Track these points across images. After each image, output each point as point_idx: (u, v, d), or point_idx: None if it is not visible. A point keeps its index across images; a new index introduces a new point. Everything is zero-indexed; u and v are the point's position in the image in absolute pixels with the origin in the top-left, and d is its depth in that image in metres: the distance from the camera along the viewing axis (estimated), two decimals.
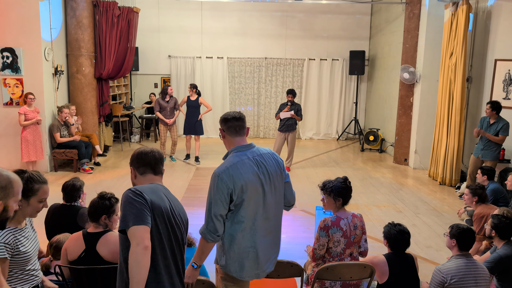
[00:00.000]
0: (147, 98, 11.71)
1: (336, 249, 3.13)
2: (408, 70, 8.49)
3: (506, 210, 3.88)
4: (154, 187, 2.26)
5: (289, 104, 8.02)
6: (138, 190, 2.12)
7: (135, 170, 2.33)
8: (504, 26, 7.14)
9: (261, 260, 2.62)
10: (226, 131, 2.65)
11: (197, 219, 5.60)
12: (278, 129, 8.20)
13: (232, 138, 2.64)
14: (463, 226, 3.13)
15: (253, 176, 2.53)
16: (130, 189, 2.14)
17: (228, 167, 2.50)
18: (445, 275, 2.95)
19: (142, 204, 2.07)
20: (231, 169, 2.50)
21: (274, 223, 2.69)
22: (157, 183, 2.32)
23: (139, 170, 2.33)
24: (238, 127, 2.63)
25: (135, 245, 1.98)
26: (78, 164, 7.96)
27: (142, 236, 2.00)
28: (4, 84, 7.58)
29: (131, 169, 2.34)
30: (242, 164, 2.53)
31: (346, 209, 3.30)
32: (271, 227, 2.67)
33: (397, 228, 3.14)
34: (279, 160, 2.78)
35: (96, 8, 8.65)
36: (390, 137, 10.17)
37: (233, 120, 2.63)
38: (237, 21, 11.68)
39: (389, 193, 7.08)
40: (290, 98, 8.03)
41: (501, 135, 6.27)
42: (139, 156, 2.32)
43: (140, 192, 2.12)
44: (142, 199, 2.09)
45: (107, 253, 2.85)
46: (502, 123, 6.28)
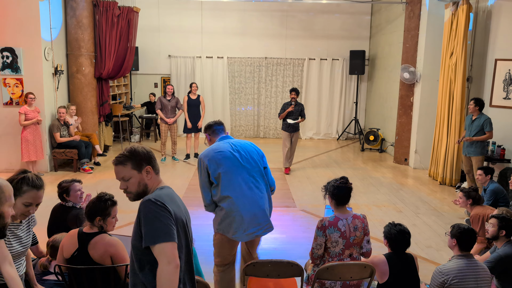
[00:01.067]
0: (147, 98, 11.71)
1: (335, 249, 3.13)
2: (408, 70, 8.49)
3: (505, 210, 3.87)
4: (170, 193, 2.12)
5: (293, 103, 7.92)
6: (160, 201, 1.97)
7: (153, 169, 2.15)
8: (504, 25, 7.14)
9: (246, 222, 3.19)
10: (211, 135, 3.46)
11: (197, 219, 5.59)
12: (283, 129, 8.08)
13: (216, 139, 3.43)
14: (464, 226, 3.12)
15: (228, 153, 3.23)
16: (151, 200, 1.97)
17: (207, 152, 3.29)
18: (445, 275, 2.94)
19: (167, 218, 1.95)
20: (208, 152, 3.27)
21: (257, 192, 3.26)
22: (167, 186, 2.18)
23: (155, 168, 2.16)
24: (220, 130, 3.46)
25: (165, 264, 1.88)
26: (78, 164, 7.96)
27: (173, 254, 1.91)
28: (4, 84, 7.58)
29: (147, 168, 2.11)
30: (218, 146, 3.30)
31: (351, 209, 3.30)
32: (254, 195, 3.23)
33: (398, 228, 3.13)
34: (256, 147, 3.44)
35: (96, 8, 8.65)
36: (390, 137, 10.17)
37: (215, 125, 3.47)
38: (237, 21, 11.68)
39: (389, 193, 7.08)
40: (293, 96, 7.93)
41: (487, 132, 6.39)
42: (149, 154, 2.15)
43: (163, 203, 1.97)
44: (167, 212, 1.96)
45: (96, 255, 2.86)
46: (484, 119, 6.42)
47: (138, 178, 2.09)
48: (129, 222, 5.48)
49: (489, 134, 6.39)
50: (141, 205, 1.97)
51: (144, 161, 2.11)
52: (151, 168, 2.12)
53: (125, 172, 2.08)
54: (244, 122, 12.06)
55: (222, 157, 3.21)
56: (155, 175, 2.15)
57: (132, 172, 2.08)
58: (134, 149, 2.12)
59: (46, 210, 4.00)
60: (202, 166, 3.25)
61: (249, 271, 3.03)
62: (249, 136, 12.07)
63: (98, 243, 2.88)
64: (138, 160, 2.10)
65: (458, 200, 4.78)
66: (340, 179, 3.24)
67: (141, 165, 2.10)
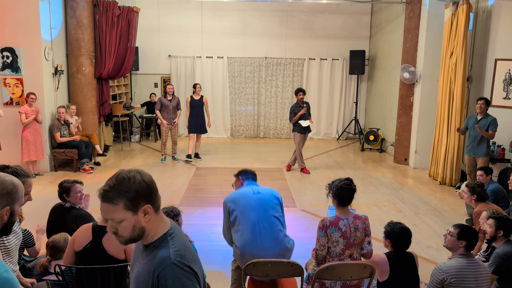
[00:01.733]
0: (147, 97, 11.71)
1: (335, 249, 3.13)
2: (408, 70, 8.49)
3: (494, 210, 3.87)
4: (188, 245, 1.67)
5: (305, 106, 7.92)
6: (187, 265, 1.55)
7: (152, 206, 1.59)
8: (504, 25, 7.14)
9: (255, 256, 3.23)
10: (242, 179, 3.73)
11: (197, 218, 5.60)
12: (297, 131, 8.03)
13: (244, 180, 3.71)
14: (469, 227, 3.11)
15: (247, 195, 3.45)
16: (175, 264, 1.53)
17: (230, 195, 3.53)
18: (445, 273, 2.94)
19: (197, 286, 1.58)
20: (231, 195, 3.52)
21: (268, 232, 3.32)
22: (175, 227, 1.69)
23: (156, 205, 1.62)
24: (249, 178, 3.70)
25: None
26: (78, 164, 7.96)
27: None
28: (4, 84, 7.58)
29: (146, 208, 1.57)
30: (240, 190, 3.60)
31: (354, 210, 3.30)
32: (264, 234, 3.30)
33: (399, 227, 3.13)
34: (276, 194, 3.57)
35: (96, 8, 8.65)
36: (390, 136, 10.17)
37: (248, 172, 3.75)
38: (237, 21, 11.68)
39: (389, 193, 7.08)
40: (302, 97, 7.93)
41: (491, 131, 6.40)
42: (149, 186, 1.59)
43: (190, 268, 1.56)
44: (195, 279, 1.57)
45: (112, 248, 2.87)
46: (491, 119, 6.43)
47: (133, 221, 1.56)
48: None
49: (492, 133, 6.39)
50: (161, 270, 1.52)
51: (142, 198, 1.55)
52: (151, 206, 1.58)
53: (115, 213, 1.54)
54: (244, 122, 12.06)
55: (240, 197, 3.46)
56: (155, 215, 1.61)
57: (125, 214, 1.53)
58: (128, 180, 1.54)
59: (46, 210, 4.01)
60: (225, 209, 3.49)
61: (249, 271, 3.04)
62: (249, 136, 12.07)
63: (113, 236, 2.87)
64: (133, 198, 1.53)
65: (462, 195, 4.76)
66: (345, 180, 3.23)
67: (138, 203, 1.55)
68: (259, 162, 9.05)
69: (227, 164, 8.85)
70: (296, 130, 8.08)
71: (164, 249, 1.57)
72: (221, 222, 5.61)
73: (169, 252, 1.56)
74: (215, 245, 4.84)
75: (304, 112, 7.88)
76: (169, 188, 7.03)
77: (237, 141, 11.57)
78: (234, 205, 3.40)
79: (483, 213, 3.88)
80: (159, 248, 1.58)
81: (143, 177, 1.57)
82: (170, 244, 1.59)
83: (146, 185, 1.56)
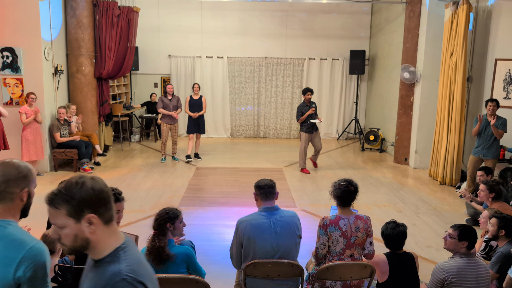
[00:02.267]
0: (147, 97, 11.70)
1: (335, 249, 3.13)
2: (408, 70, 8.49)
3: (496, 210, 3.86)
4: (141, 259, 1.56)
5: (314, 106, 8.00)
6: (139, 281, 1.43)
7: (99, 217, 1.46)
8: (504, 25, 7.14)
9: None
10: (258, 195, 3.25)
11: (197, 218, 5.60)
12: (304, 131, 8.11)
13: (262, 202, 3.24)
14: (470, 227, 3.09)
15: (263, 234, 3.09)
16: (126, 280, 1.40)
17: (247, 220, 3.16)
18: (446, 272, 2.93)
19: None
20: (248, 221, 3.15)
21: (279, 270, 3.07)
22: (129, 241, 1.56)
23: (104, 216, 1.48)
24: (268, 193, 3.22)
25: None
26: (78, 164, 7.96)
27: None
28: (4, 83, 7.57)
29: (91, 217, 1.44)
30: (258, 221, 3.14)
31: (357, 211, 3.31)
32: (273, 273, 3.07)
33: (391, 224, 3.15)
34: (297, 223, 3.24)
35: (96, 8, 8.64)
36: (390, 136, 10.17)
37: (265, 187, 3.22)
38: (237, 21, 11.68)
39: (389, 193, 7.08)
40: (310, 97, 8.01)
41: (500, 130, 6.34)
42: (98, 194, 1.47)
43: (143, 283, 1.44)
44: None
45: None
46: (501, 120, 6.37)
47: (75, 230, 1.44)
48: (129, 222, 5.48)
49: (502, 132, 6.34)
50: (111, 286, 1.40)
51: (87, 207, 1.44)
52: (97, 217, 1.45)
53: (57, 218, 1.45)
54: (244, 122, 12.05)
55: (256, 234, 3.09)
56: (103, 226, 1.47)
57: (66, 220, 1.43)
58: (76, 185, 1.45)
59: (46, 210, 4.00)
60: (236, 233, 3.21)
61: (249, 271, 3.03)
62: (249, 136, 12.07)
63: None
64: (76, 205, 1.43)
65: (479, 193, 4.62)
66: (343, 181, 3.24)
67: (81, 211, 1.43)
68: (259, 162, 9.05)
69: (227, 164, 8.85)
70: (303, 129, 8.15)
71: (115, 264, 1.44)
72: (221, 222, 5.64)
73: (120, 267, 1.43)
74: (215, 245, 4.84)
75: (312, 112, 7.96)
76: (169, 188, 7.03)
77: (237, 141, 11.57)
78: (247, 242, 3.10)
79: (484, 212, 3.88)
80: (110, 263, 1.45)
81: (93, 185, 1.46)
82: (121, 258, 1.46)
83: (95, 194, 1.44)
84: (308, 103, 8.03)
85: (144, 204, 6.28)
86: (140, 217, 5.75)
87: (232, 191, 6.99)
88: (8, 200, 1.81)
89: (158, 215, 3.05)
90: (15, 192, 1.83)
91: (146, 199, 6.53)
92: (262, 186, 3.22)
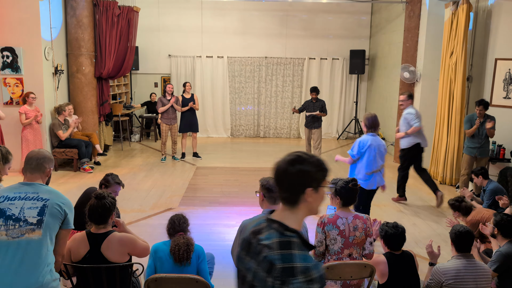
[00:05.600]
0: (147, 97, 11.71)
1: (333, 247, 3.15)
2: (408, 69, 8.49)
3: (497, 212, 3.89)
4: None
5: (314, 102, 8.43)
6: None
7: None
8: (504, 25, 7.14)
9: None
10: (266, 198, 3.10)
11: (197, 218, 5.60)
12: (304, 125, 8.65)
13: (269, 205, 3.09)
14: (459, 228, 3.15)
15: None
16: None
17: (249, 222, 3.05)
18: (443, 274, 2.96)
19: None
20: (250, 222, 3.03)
21: None
22: None
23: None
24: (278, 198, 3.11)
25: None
26: (78, 164, 7.96)
27: None
28: (4, 83, 7.58)
29: None
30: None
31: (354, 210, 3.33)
32: None
33: (390, 224, 3.16)
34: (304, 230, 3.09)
35: (96, 8, 8.65)
36: (390, 136, 10.17)
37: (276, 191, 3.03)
38: (237, 20, 11.68)
39: (389, 193, 7.07)
40: (314, 96, 8.41)
41: (492, 130, 6.41)
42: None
43: None
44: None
45: (111, 254, 2.83)
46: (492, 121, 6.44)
47: None
48: (129, 222, 5.48)
49: (493, 132, 6.41)
50: None
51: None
52: None
53: None
54: (244, 122, 12.05)
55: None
56: None
57: None
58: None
59: None
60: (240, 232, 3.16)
61: None
62: (249, 136, 12.07)
63: (112, 242, 2.85)
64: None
65: (450, 221, 4.45)
66: (351, 181, 3.26)
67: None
68: (259, 162, 9.05)
69: (227, 163, 8.85)
70: (304, 124, 8.64)
71: None
72: (221, 221, 5.64)
73: None
74: (215, 245, 4.84)
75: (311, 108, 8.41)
76: (169, 188, 7.03)
77: (237, 140, 11.57)
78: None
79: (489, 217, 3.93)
80: None
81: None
82: None
83: None
84: (314, 101, 8.42)
85: (144, 204, 6.28)
86: (140, 216, 5.75)
87: (232, 191, 6.99)
88: (42, 172, 2.70)
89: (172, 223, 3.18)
90: (46, 167, 2.73)
91: (146, 198, 6.53)
92: (272, 190, 3.07)
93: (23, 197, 2.52)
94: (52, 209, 2.52)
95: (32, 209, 2.49)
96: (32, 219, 2.46)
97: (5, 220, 2.45)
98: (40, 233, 2.45)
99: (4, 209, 2.48)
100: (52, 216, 2.52)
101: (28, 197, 2.53)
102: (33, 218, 2.47)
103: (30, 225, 2.45)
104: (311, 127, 8.50)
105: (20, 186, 2.62)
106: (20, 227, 2.44)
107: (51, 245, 2.52)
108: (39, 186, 2.62)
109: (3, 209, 2.48)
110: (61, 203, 2.58)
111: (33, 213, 2.48)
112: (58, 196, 2.61)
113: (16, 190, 2.58)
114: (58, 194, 2.64)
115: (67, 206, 2.61)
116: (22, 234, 2.43)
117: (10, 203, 2.50)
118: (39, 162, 2.66)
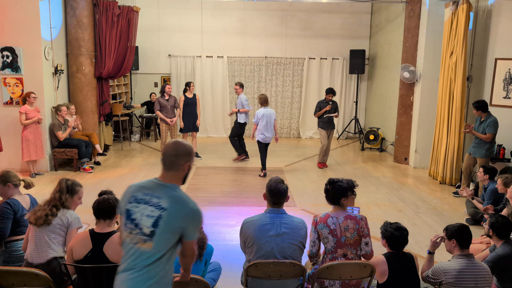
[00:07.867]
0: (147, 97, 11.70)
1: (327, 246, 3.19)
2: (408, 69, 8.49)
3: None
4: None
5: (330, 103, 8.29)
6: None
7: None
8: (504, 25, 7.14)
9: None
10: (268, 201, 3.19)
11: None
12: (321, 127, 8.44)
13: (270, 206, 3.19)
14: (456, 224, 3.16)
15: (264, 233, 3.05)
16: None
17: (250, 222, 3.14)
18: (443, 274, 2.97)
19: None
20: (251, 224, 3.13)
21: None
22: None
23: None
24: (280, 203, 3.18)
25: None
26: (78, 164, 7.96)
27: None
28: (4, 83, 7.57)
29: None
30: (262, 224, 3.10)
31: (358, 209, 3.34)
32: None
33: (394, 226, 3.15)
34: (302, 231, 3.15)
35: (96, 7, 8.64)
36: (390, 136, 10.17)
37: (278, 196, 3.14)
38: (237, 20, 11.67)
39: (389, 192, 7.08)
40: (330, 97, 8.31)
41: (487, 133, 6.38)
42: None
43: None
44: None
45: (112, 254, 2.85)
46: (489, 120, 6.39)
47: None
48: None
49: (487, 136, 6.36)
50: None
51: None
52: None
53: None
54: None
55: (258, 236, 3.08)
56: None
57: None
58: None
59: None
60: (241, 230, 3.20)
61: (251, 271, 3.03)
62: (249, 135, 12.05)
63: (114, 243, 2.87)
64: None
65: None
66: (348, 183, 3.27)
67: None
68: (259, 161, 9.04)
69: (227, 163, 8.85)
70: (320, 125, 8.46)
71: None
72: (221, 221, 5.64)
73: None
74: (215, 245, 4.83)
75: (329, 108, 8.25)
76: None
77: None
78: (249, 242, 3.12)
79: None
80: None
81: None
82: None
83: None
84: (331, 102, 8.35)
85: None
86: None
87: (232, 191, 6.99)
88: (175, 169, 2.36)
89: None
90: (180, 164, 2.36)
91: None
92: (275, 194, 3.12)
93: (147, 201, 2.29)
94: (167, 222, 2.24)
95: (149, 217, 2.24)
96: (146, 229, 2.23)
97: (130, 223, 2.28)
98: (150, 245, 2.22)
99: (130, 211, 2.30)
100: (166, 230, 2.24)
101: (150, 201, 2.28)
102: (147, 229, 2.23)
103: (143, 235, 2.22)
104: (331, 128, 8.44)
105: (152, 184, 2.37)
106: (136, 234, 2.25)
107: (165, 262, 2.27)
108: (167, 189, 2.31)
109: (129, 211, 2.31)
110: (181, 215, 2.25)
111: (148, 223, 2.23)
112: (180, 206, 2.28)
113: (146, 190, 2.34)
114: (182, 203, 2.30)
115: (188, 218, 2.28)
116: (136, 243, 2.25)
117: (135, 206, 2.29)
118: (172, 160, 2.35)
